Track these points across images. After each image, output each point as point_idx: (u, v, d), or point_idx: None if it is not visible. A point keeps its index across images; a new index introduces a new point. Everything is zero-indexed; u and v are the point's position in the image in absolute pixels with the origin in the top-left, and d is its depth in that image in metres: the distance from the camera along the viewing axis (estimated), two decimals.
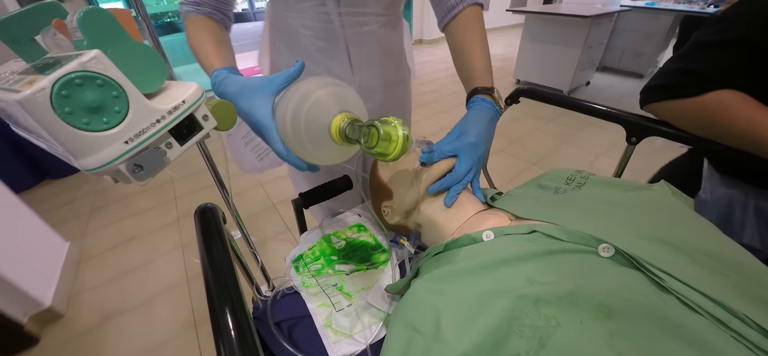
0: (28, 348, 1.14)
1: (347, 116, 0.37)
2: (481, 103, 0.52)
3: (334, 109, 0.37)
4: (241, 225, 0.50)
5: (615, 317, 0.27)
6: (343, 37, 0.61)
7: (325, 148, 0.39)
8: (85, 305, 1.31)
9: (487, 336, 0.28)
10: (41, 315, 1.19)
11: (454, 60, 0.61)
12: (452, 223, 0.48)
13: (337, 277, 0.54)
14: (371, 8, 0.61)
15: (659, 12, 3.23)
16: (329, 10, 0.57)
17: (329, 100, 0.38)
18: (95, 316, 1.26)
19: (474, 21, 0.58)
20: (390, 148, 0.35)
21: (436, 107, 3.10)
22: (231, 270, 0.36)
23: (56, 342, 1.18)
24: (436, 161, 0.48)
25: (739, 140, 0.47)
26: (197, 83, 0.31)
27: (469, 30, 0.57)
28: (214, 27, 0.54)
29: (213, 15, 0.54)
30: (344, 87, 0.40)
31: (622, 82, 3.57)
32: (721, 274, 0.30)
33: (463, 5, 0.57)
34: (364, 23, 0.62)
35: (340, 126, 0.36)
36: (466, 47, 0.57)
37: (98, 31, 0.27)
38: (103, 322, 1.23)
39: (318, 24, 0.59)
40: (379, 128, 0.34)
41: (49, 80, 0.22)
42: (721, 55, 0.48)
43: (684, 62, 0.51)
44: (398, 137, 0.34)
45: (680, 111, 0.52)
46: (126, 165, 0.28)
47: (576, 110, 0.66)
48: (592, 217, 0.38)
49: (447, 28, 0.60)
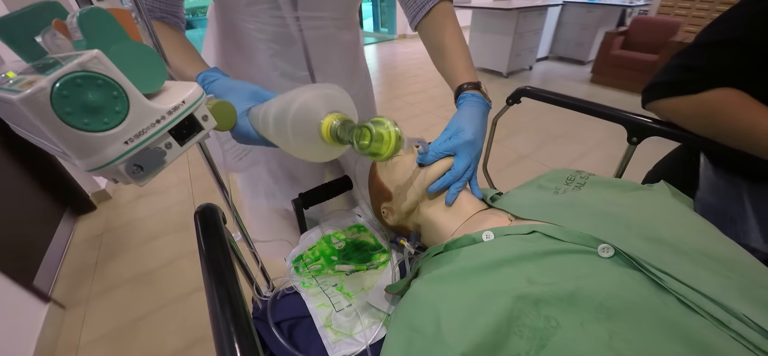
0: (89, 212, 1.87)
1: (338, 117, 0.37)
2: (471, 99, 0.51)
3: (324, 110, 0.37)
4: (241, 226, 0.50)
5: (615, 317, 0.27)
6: (302, 41, 0.59)
7: (312, 147, 0.38)
8: (126, 190, 2.07)
9: (488, 336, 0.28)
10: (98, 194, 1.93)
11: (432, 58, 0.60)
12: (452, 223, 0.48)
13: (337, 277, 0.54)
14: (328, 12, 0.59)
15: (593, 6, 3.80)
16: (285, 14, 0.55)
17: (319, 101, 0.38)
18: (131, 195, 2.02)
19: (446, 16, 0.57)
20: (383, 148, 0.35)
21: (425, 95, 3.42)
22: (231, 270, 0.36)
23: (107, 210, 1.91)
24: (433, 161, 0.48)
25: (740, 140, 0.47)
26: (197, 83, 0.31)
27: (443, 26, 0.57)
28: (175, 33, 0.53)
29: (166, 19, 0.53)
30: (333, 88, 0.40)
31: (563, 68, 4.09)
32: (721, 275, 0.30)
33: (434, 2, 0.56)
34: (323, 27, 0.60)
35: (331, 125, 0.36)
36: (444, 44, 0.56)
37: (98, 31, 0.27)
38: (137, 198, 1.98)
39: (273, 28, 0.57)
40: (372, 129, 0.34)
41: (49, 80, 0.22)
42: (720, 53, 0.48)
43: (686, 59, 0.52)
44: (390, 136, 0.34)
45: (682, 108, 0.52)
46: (126, 165, 0.28)
47: (577, 110, 0.66)
48: (592, 218, 0.38)
49: (420, 26, 0.60)
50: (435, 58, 0.60)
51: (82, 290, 1.39)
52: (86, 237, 1.69)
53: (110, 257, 1.56)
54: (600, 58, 3.46)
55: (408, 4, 0.59)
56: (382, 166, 0.55)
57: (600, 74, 3.50)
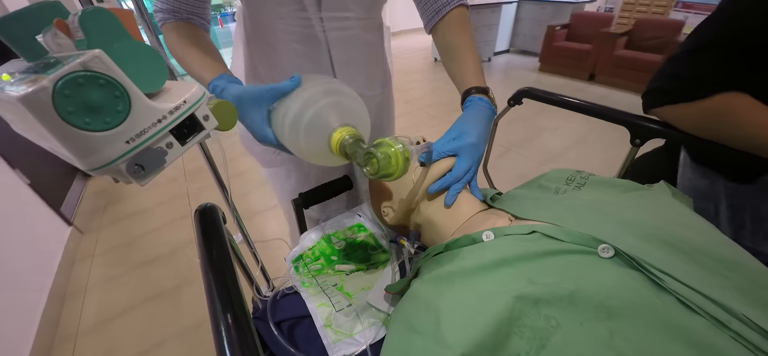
0: None
1: (349, 132, 0.37)
2: (479, 103, 0.52)
3: (335, 123, 0.37)
4: (241, 226, 0.50)
5: (615, 317, 0.28)
6: (325, 42, 0.60)
7: (323, 157, 0.40)
8: None
9: (488, 336, 0.28)
10: None
11: (444, 61, 0.61)
12: (452, 223, 0.48)
13: (337, 277, 0.54)
14: (352, 12, 0.60)
15: (546, 3, 4.25)
16: (310, 14, 0.56)
17: (332, 111, 0.38)
18: None
19: (461, 22, 0.58)
20: (391, 168, 0.35)
21: None
22: (231, 270, 0.36)
23: None
24: (435, 161, 0.48)
25: (745, 143, 0.47)
26: (198, 83, 0.32)
27: (458, 31, 0.58)
28: (197, 33, 0.54)
29: (192, 20, 0.54)
30: (346, 95, 0.40)
31: (520, 60, 4.58)
32: (721, 275, 0.30)
33: (451, 6, 0.58)
34: (346, 27, 0.61)
35: (341, 140, 0.36)
36: (457, 48, 0.58)
37: (100, 30, 0.27)
38: None
39: (299, 29, 0.58)
40: (378, 156, 0.34)
41: (50, 80, 0.22)
42: (699, 60, 0.50)
43: (674, 67, 0.53)
44: (398, 159, 0.34)
45: (686, 115, 0.53)
46: (127, 165, 0.28)
47: (579, 111, 0.66)
48: (592, 218, 0.38)
49: (435, 29, 0.61)
50: (446, 60, 0.61)
51: (94, 222, 1.88)
52: (97, 189, 2.17)
53: (115, 202, 2.04)
54: (545, 49, 3.94)
55: (425, 8, 0.60)
56: None
57: (545, 63, 4.00)
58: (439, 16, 0.59)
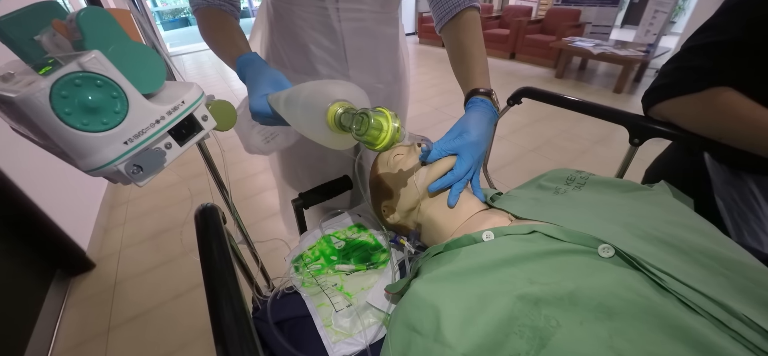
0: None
1: (343, 105, 0.37)
2: (481, 104, 0.52)
3: (333, 98, 0.38)
4: (241, 226, 0.50)
5: (615, 317, 0.27)
6: (340, 32, 0.63)
7: (319, 132, 0.40)
8: None
9: (488, 336, 0.28)
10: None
11: (451, 60, 0.62)
12: (452, 223, 0.48)
13: (337, 277, 0.54)
14: (368, 5, 0.62)
15: None
16: (327, 4, 0.60)
17: (331, 88, 0.39)
18: None
19: (473, 23, 0.59)
20: (379, 138, 0.35)
21: None
22: (231, 270, 0.36)
23: None
24: (436, 159, 0.48)
25: (743, 137, 0.47)
26: (197, 83, 0.31)
27: (468, 32, 0.59)
28: (228, 18, 0.57)
29: (223, 7, 0.56)
30: (348, 85, 0.41)
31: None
32: (721, 275, 0.30)
33: (462, 6, 0.58)
34: (361, 19, 0.63)
35: (335, 113, 0.37)
36: (466, 49, 0.58)
37: (97, 31, 0.26)
38: None
39: (316, 18, 0.61)
40: (371, 116, 0.34)
41: (48, 81, 0.22)
42: (702, 53, 0.49)
43: (680, 62, 0.52)
44: (388, 127, 0.35)
45: (686, 109, 0.52)
46: (125, 165, 0.28)
47: (578, 110, 0.66)
48: (592, 218, 0.38)
49: (445, 29, 0.61)
50: (453, 60, 0.61)
51: None
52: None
53: None
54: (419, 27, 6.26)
55: (437, 7, 0.61)
56: (384, 163, 0.55)
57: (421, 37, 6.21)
58: (450, 16, 0.59)
